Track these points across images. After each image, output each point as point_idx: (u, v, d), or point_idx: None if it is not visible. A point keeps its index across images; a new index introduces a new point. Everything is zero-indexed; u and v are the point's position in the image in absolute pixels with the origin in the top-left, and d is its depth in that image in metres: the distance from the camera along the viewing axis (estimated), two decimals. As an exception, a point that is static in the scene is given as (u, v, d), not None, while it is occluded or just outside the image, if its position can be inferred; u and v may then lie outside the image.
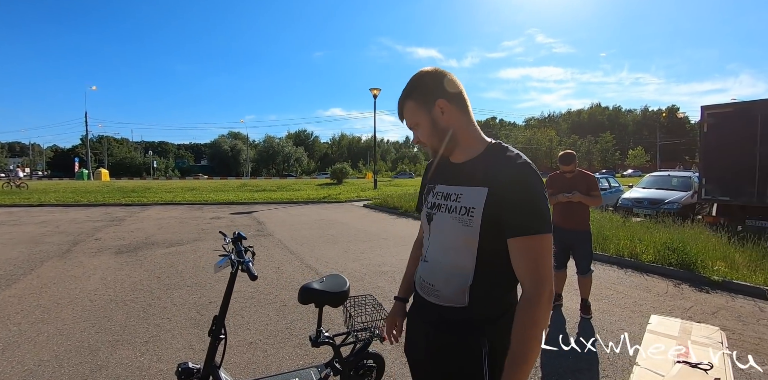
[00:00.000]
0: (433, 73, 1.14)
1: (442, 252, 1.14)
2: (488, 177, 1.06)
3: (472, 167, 1.12)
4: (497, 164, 1.07)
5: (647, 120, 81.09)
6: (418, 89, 1.13)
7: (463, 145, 1.15)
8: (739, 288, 4.47)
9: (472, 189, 1.08)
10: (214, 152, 78.87)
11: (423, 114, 1.13)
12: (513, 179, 1.01)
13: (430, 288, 1.16)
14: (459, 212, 1.08)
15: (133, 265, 5.43)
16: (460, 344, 1.10)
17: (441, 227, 1.14)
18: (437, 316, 1.15)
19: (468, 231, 1.06)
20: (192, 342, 3.05)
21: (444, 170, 1.22)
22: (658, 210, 8.94)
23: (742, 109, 7.55)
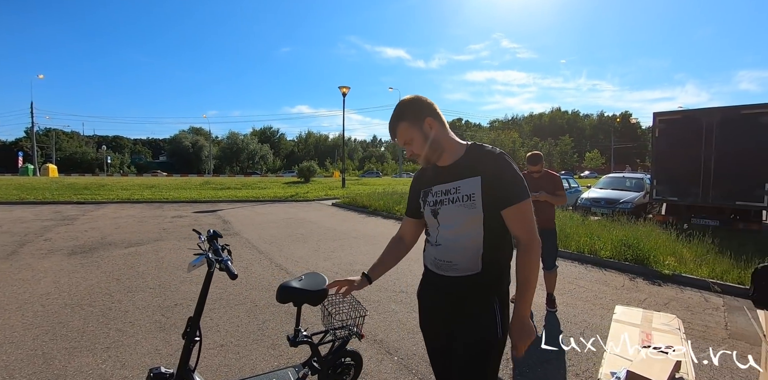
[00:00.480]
0: (416, 98, 1.43)
1: (455, 233, 1.40)
2: (477, 168, 1.37)
3: (461, 165, 1.41)
4: (481, 157, 1.39)
5: (603, 124, 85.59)
6: (410, 111, 1.41)
7: (448, 150, 1.43)
8: (687, 280, 4.83)
9: (466, 180, 1.38)
10: (174, 148, 75.57)
11: (416, 131, 1.40)
12: (496, 166, 1.35)
13: (448, 264, 1.43)
14: (462, 200, 1.38)
15: (88, 267, 5.11)
16: (478, 303, 1.41)
17: (449, 215, 1.41)
18: (453, 286, 1.43)
19: (473, 212, 1.36)
20: (158, 347, 2.92)
21: (435, 174, 1.49)
22: (613, 209, 9.46)
23: (689, 117, 8.15)
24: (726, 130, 7.49)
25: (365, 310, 2.16)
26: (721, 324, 3.58)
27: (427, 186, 1.51)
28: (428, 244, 1.53)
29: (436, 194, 1.46)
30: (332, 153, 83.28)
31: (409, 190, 1.66)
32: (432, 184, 1.48)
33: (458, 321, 1.44)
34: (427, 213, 1.50)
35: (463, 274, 1.41)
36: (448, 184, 1.42)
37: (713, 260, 5.22)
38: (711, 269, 4.95)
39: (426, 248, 1.55)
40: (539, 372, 2.69)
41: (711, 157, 7.66)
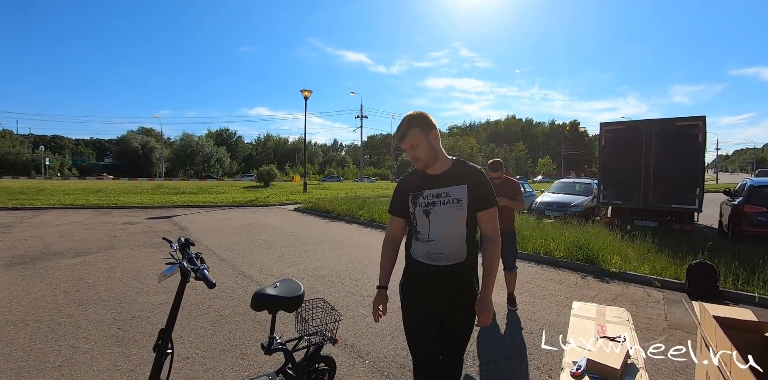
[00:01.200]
0: (427, 114, 1.74)
1: (446, 229, 1.72)
2: (464, 178, 1.72)
3: (450, 175, 1.75)
4: (467, 170, 1.76)
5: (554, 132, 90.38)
6: (422, 121, 1.70)
7: (440, 161, 1.75)
8: (631, 277, 5.23)
9: (456, 187, 1.72)
10: (122, 149, 71.09)
11: (424, 138, 1.69)
12: (479, 178, 1.73)
13: (441, 255, 1.74)
14: (452, 203, 1.71)
15: (31, 279, 4.74)
16: (466, 284, 1.78)
17: (440, 215, 1.72)
18: (447, 273, 1.74)
19: (460, 213, 1.70)
20: (117, 362, 2.77)
21: (425, 181, 1.78)
22: (565, 212, 10.04)
23: (631, 127, 8.86)
24: (663, 139, 8.21)
25: (340, 315, 2.19)
26: (662, 316, 3.92)
27: (417, 190, 1.79)
28: (418, 241, 1.79)
29: (427, 197, 1.75)
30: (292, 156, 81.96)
31: (393, 194, 1.91)
32: (423, 189, 1.77)
33: (452, 302, 1.76)
34: (419, 213, 1.77)
35: (453, 263, 1.74)
36: (439, 189, 1.74)
37: (654, 258, 5.69)
38: (652, 266, 5.40)
39: (414, 245, 1.81)
40: (504, 367, 2.83)
41: (650, 164, 8.36)
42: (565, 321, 3.56)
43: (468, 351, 3.03)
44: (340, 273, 5.15)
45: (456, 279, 1.77)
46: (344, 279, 4.91)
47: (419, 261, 1.80)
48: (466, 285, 1.78)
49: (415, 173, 1.84)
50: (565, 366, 1.61)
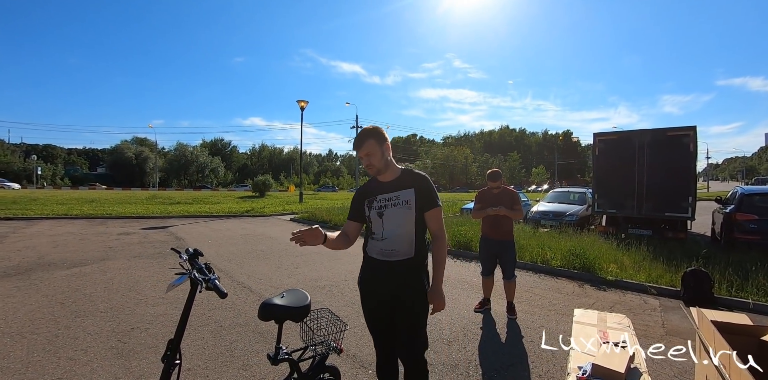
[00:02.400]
0: (381, 129, 2.00)
1: (397, 228, 1.95)
2: (412, 183, 1.99)
3: (399, 181, 2.02)
4: (413, 177, 2.02)
5: (547, 142, 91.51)
6: (377, 134, 1.97)
7: (391, 169, 2.02)
8: (628, 285, 5.29)
9: (404, 191, 1.98)
10: (116, 159, 70.75)
11: (377, 148, 1.95)
12: (425, 183, 2.00)
13: (392, 251, 1.96)
14: (402, 204, 1.97)
15: (26, 290, 4.69)
16: (415, 277, 1.99)
17: (392, 215, 1.96)
18: (397, 268, 1.97)
19: (409, 213, 1.96)
20: (117, 374, 2.75)
21: (378, 187, 2.04)
22: (560, 221, 10.12)
23: (624, 137, 9.02)
24: (655, 149, 8.37)
25: (345, 324, 2.20)
26: (659, 323, 3.97)
27: (372, 195, 2.04)
28: (373, 240, 2.03)
29: (380, 200, 2.01)
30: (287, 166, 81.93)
31: (351, 201, 2.17)
32: (376, 194, 2.03)
33: (402, 292, 1.97)
34: (373, 215, 2.01)
35: (402, 258, 1.97)
36: (390, 194, 1.99)
37: (649, 266, 5.76)
38: (647, 274, 5.46)
39: (369, 244, 2.05)
40: (506, 374, 2.84)
41: (643, 174, 8.49)
42: (564, 329, 3.59)
43: (469, 359, 3.05)
44: (338, 284, 5.15)
45: (406, 272, 1.98)
46: (343, 289, 4.91)
47: (373, 258, 2.04)
48: (416, 278, 1.99)
49: (370, 182, 2.10)
50: (570, 371, 1.65)
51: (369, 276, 2.09)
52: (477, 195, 4.34)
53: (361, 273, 2.14)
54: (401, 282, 1.98)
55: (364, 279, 2.12)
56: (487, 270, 4.26)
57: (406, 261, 1.97)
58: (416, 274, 2.00)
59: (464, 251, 7.54)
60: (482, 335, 3.60)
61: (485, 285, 4.31)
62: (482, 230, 4.30)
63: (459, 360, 3.07)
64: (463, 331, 3.67)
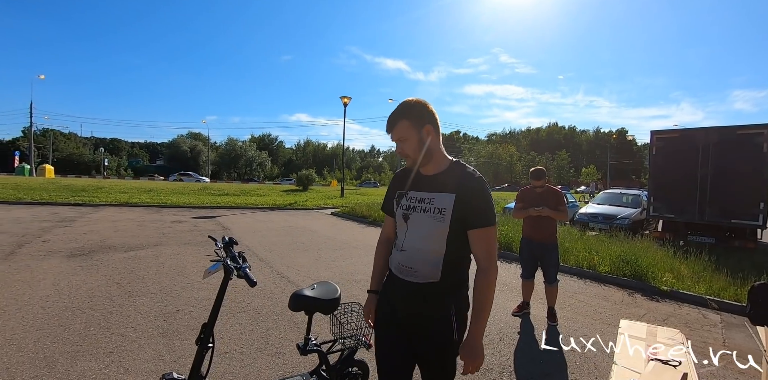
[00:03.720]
0: (424, 103, 1.49)
1: (420, 242, 1.48)
2: (455, 186, 1.45)
3: (441, 178, 1.50)
4: (461, 177, 1.47)
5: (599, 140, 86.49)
6: (414, 113, 1.47)
7: (434, 161, 1.52)
8: (684, 297, 4.87)
9: (442, 194, 1.46)
10: (173, 152, 75.43)
11: (413, 132, 1.47)
12: (474, 188, 1.43)
13: (410, 270, 1.50)
14: (433, 212, 1.46)
15: (88, 270, 5.10)
16: (435, 309, 1.47)
17: (418, 223, 1.49)
18: (412, 291, 1.50)
19: (441, 226, 1.44)
20: (161, 353, 2.92)
21: (416, 180, 1.57)
22: (611, 225, 9.54)
23: (686, 135, 8.31)
24: (722, 149, 7.64)
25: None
26: (719, 341, 3.62)
27: (406, 189, 1.59)
28: (395, 249, 1.59)
29: (411, 199, 1.55)
30: (330, 161, 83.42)
31: (387, 188, 1.73)
32: (410, 189, 1.57)
33: (416, 325, 1.51)
34: (399, 216, 1.57)
35: (422, 281, 1.48)
36: (424, 193, 1.51)
37: (710, 277, 5.28)
38: (708, 286, 5.00)
39: (392, 252, 1.62)
40: (542, 385, 2.71)
41: (707, 176, 7.79)
42: (610, 340, 3.36)
43: (503, 365, 2.93)
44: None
45: (426, 301, 1.49)
46: (378, 284, 4.91)
47: (391, 272, 1.61)
48: (439, 312, 1.47)
49: (410, 169, 1.61)
50: (611, 387, 1.51)
51: (386, 296, 1.64)
52: (519, 194, 4.16)
53: (383, 286, 1.69)
54: (419, 314, 1.50)
55: (380, 298, 1.67)
56: (528, 272, 4.08)
57: (426, 286, 1.47)
58: (440, 306, 1.47)
59: (505, 252, 7.31)
60: (519, 340, 3.45)
61: (525, 288, 4.13)
62: (523, 231, 4.12)
63: (492, 364, 2.96)
64: (499, 334, 3.54)
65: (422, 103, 1.48)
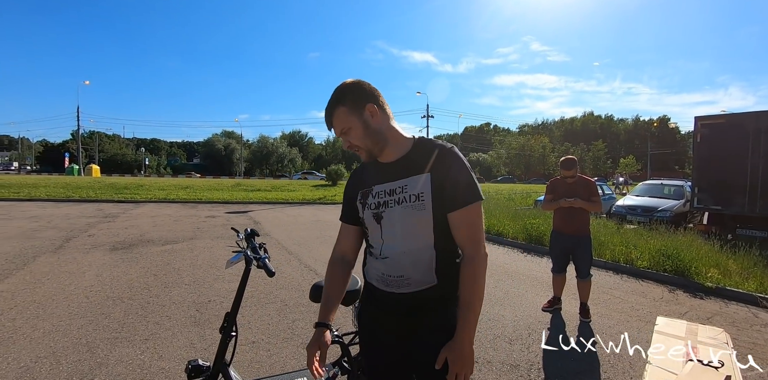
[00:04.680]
0: (357, 82, 1.24)
1: (402, 242, 1.22)
2: (426, 164, 1.20)
3: (407, 161, 1.24)
4: (430, 152, 1.21)
5: (639, 129, 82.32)
6: (348, 96, 1.21)
7: (392, 143, 1.25)
8: (732, 294, 4.56)
9: (414, 178, 1.21)
10: (208, 151, 78.24)
11: (355, 118, 1.20)
12: (446, 161, 1.19)
13: (398, 279, 1.23)
14: (410, 200, 1.20)
15: (128, 262, 5.37)
16: (438, 317, 1.22)
17: (394, 220, 1.22)
18: (410, 302, 1.24)
19: (422, 214, 1.19)
20: (193, 341, 3.03)
21: (377, 172, 1.30)
22: (651, 217, 9.06)
23: (734, 121, 7.71)
24: (776, 135, 7.05)
25: (396, 312, 2.16)
26: (772, 342, 3.36)
27: (367, 186, 1.31)
28: (371, 257, 1.32)
29: (378, 195, 1.26)
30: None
31: (344, 192, 1.45)
32: (373, 184, 1.29)
33: (417, 340, 1.25)
34: (368, 218, 1.28)
35: (417, 289, 1.22)
36: (392, 183, 1.24)
37: (762, 274, 4.90)
38: (759, 283, 4.65)
39: (368, 261, 1.35)
40: (572, 383, 2.60)
41: (759, 165, 7.21)
42: (647, 339, 3.19)
43: (532, 361, 2.84)
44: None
45: (424, 311, 1.24)
46: (404, 277, 4.89)
47: (372, 285, 1.35)
48: (443, 322, 1.21)
49: (365, 165, 1.36)
50: (644, 387, 1.42)
51: (367, 309, 1.39)
52: (548, 186, 4.00)
53: (361, 306, 1.45)
54: (418, 329, 1.25)
55: (363, 319, 1.41)
56: (559, 267, 3.93)
57: (422, 293, 1.22)
58: (441, 312, 1.23)
59: (536, 245, 7.10)
60: (549, 336, 3.34)
61: (556, 282, 3.99)
62: (554, 223, 3.97)
63: (520, 360, 2.88)
64: (528, 330, 3.44)
65: (356, 83, 1.23)
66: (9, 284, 4.30)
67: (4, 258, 5.43)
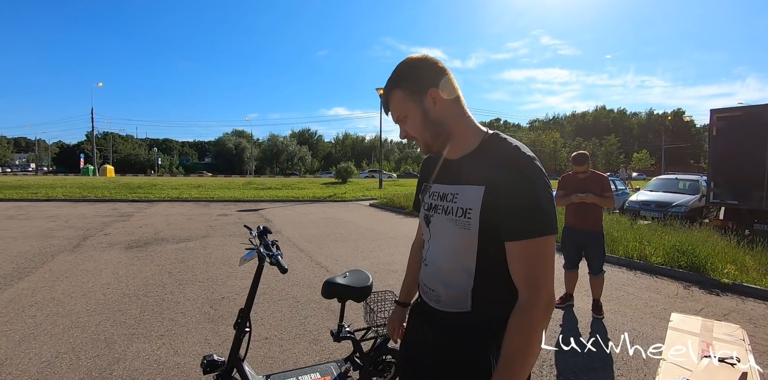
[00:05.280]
0: (423, 60, 1.04)
1: (441, 256, 1.08)
2: (485, 174, 0.98)
3: (468, 163, 1.04)
4: (495, 159, 0.98)
5: (652, 123, 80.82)
6: (408, 78, 1.03)
7: (457, 137, 1.06)
8: (749, 291, 4.47)
9: (467, 187, 1.01)
10: (219, 150, 79.10)
11: (413, 105, 1.03)
12: (512, 175, 0.93)
13: (432, 293, 1.12)
14: (456, 214, 1.01)
15: (143, 260, 5.47)
16: (467, 350, 1.04)
17: (439, 230, 1.08)
18: (440, 321, 1.10)
19: (466, 234, 0.99)
20: (207, 337, 3.08)
21: (438, 168, 1.15)
22: (665, 213, 8.92)
23: (751, 114, 7.52)
24: (796, 127, 6.86)
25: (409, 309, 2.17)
26: (791, 339, 3.29)
27: (428, 181, 1.18)
28: (423, 260, 1.19)
29: (433, 195, 1.12)
30: (369, 154, 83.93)
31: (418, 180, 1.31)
32: (434, 180, 1.15)
33: (444, 368, 1.09)
34: (421, 217, 1.18)
35: (447, 310, 1.08)
36: (447, 186, 1.08)
37: (781, 269, 4.80)
38: (778, 279, 4.56)
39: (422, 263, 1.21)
40: (585, 379, 2.59)
41: (778, 158, 7.03)
42: (661, 336, 3.15)
43: (544, 358, 2.83)
44: (410, 269, 5.15)
45: (452, 337, 1.08)
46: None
47: (418, 286, 1.23)
48: (470, 355, 1.04)
49: (437, 155, 1.19)
50: (658, 383, 1.40)
51: (414, 315, 1.26)
52: (560, 181, 3.97)
53: (415, 302, 1.29)
54: (445, 351, 1.09)
55: (410, 315, 1.30)
56: (571, 263, 3.90)
57: (452, 316, 1.07)
58: (471, 345, 1.04)
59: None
60: (561, 333, 3.32)
61: (568, 279, 3.96)
62: (566, 219, 3.93)
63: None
64: (540, 326, 3.42)
65: (420, 60, 1.04)
66: (29, 282, 4.42)
67: (24, 257, 5.58)
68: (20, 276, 4.61)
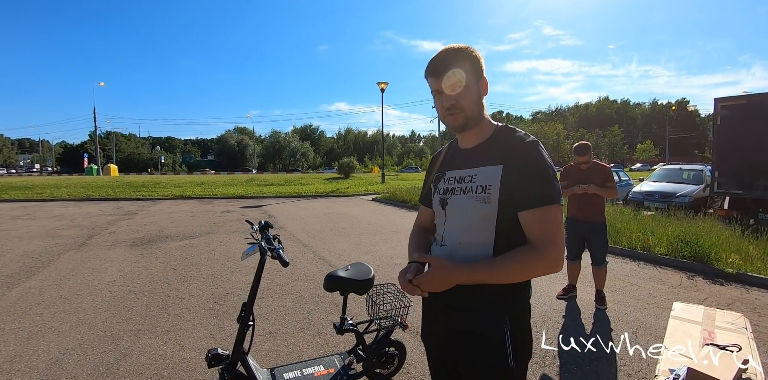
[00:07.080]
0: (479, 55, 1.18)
1: (461, 233, 1.16)
2: (502, 155, 1.13)
3: (483, 149, 1.19)
4: (509, 144, 1.14)
5: (656, 113, 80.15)
6: (474, 59, 1.15)
7: (479, 126, 1.20)
8: (754, 280, 4.45)
9: (486, 168, 1.14)
10: (221, 147, 79.31)
11: (474, 80, 1.14)
12: (525, 156, 1.10)
13: None
14: (476, 191, 1.13)
15: (148, 257, 5.51)
16: (483, 321, 1.12)
17: (458, 209, 1.18)
18: (458, 297, 1.14)
19: (486, 208, 1.11)
20: (212, 332, 3.11)
21: (453, 157, 1.29)
22: (669, 203, 8.87)
23: (756, 102, 7.43)
24: (801, 115, 6.78)
25: (410, 301, 2.18)
26: (795, 327, 3.28)
27: (442, 170, 1.29)
28: (434, 244, 1.28)
29: (448, 181, 1.23)
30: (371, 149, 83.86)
31: (426, 173, 1.43)
32: (447, 169, 1.27)
33: (459, 342, 1.16)
34: (436, 203, 1.27)
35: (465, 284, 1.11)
36: (464, 170, 1.20)
37: (786, 258, 4.77)
38: (783, 268, 4.53)
39: (432, 249, 1.29)
40: (588, 369, 2.60)
41: (782, 146, 6.96)
42: (664, 326, 3.15)
43: (547, 350, 2.84)
44: (413, 262, 5.17)
45: (469, 311, 1.14)
46: (418, 268, 4.91)
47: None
48: (488, 325, 1.11)
49: (448, 148, 1.35)
50: (659, 373, 1.40)
51: (428, 307, 1.31)
52: (562, 172, 3.94)
53: (423, 303, 1.33)
54: (460, 326, 1.16)
55: (424, 307, 1.35)
56: (574, 254, 3.90)
57: (470, 290, 1.12)
58: (487, 316, 1.12)
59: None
60: (564, 324, 3.33)
61: (571, 270, 3.96)
62: (568, 210, 3.92)
63: (535, 347, 2.86)
64: (543, 318, 3.43)
65: (478, 54, 1.17)
66: (36, 280, 4.47)
67: (31, 256, 5.63)
68: (27, 275, 4.66)
